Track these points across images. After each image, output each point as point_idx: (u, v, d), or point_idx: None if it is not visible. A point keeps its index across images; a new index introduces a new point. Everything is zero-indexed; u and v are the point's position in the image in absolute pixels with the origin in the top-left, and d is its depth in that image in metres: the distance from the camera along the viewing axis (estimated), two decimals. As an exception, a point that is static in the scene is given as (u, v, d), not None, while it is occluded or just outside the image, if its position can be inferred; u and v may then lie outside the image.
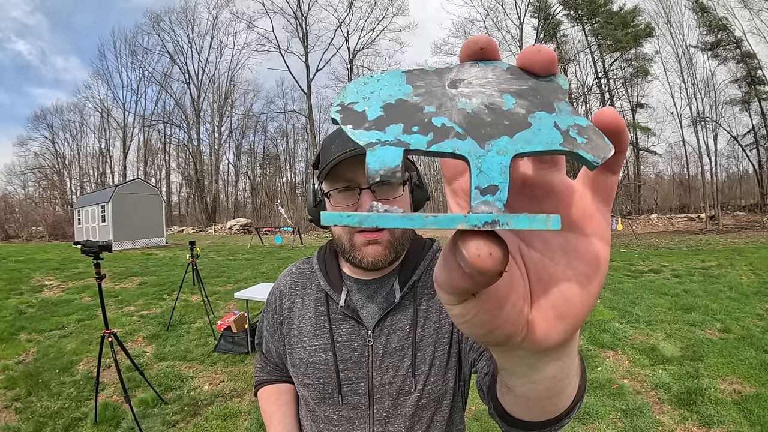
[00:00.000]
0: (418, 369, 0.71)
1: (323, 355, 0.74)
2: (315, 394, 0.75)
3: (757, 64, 22.02)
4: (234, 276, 8.23)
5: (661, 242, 12.75)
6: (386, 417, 0.71)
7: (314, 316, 0.78)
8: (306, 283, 0.82)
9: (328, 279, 0.78)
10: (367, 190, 0.67)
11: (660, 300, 5.23)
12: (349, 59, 32.74)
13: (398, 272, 0.76)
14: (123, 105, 37.82)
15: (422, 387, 0.71)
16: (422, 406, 0.72)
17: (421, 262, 0.77)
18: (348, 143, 0.65)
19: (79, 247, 2.55)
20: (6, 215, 25.28)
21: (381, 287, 0.76)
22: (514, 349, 0.24)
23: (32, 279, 8.26)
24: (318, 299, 0.79)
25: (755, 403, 2.60)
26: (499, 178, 0.18)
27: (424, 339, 0.72)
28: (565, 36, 28.67)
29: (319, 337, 0.76)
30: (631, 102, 27.46)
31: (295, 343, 0.78)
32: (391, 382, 0.71)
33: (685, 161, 27.55)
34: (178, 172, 41.09)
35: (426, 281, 0.77)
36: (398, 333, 0.73)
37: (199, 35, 37.10)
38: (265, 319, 0.88)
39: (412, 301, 0.74)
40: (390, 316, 0.74)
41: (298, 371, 0.77)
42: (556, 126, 0.19)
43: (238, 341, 3.94)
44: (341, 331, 0.75)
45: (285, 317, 0.81)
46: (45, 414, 2.77)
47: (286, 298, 0.82)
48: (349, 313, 0.74)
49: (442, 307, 0.73)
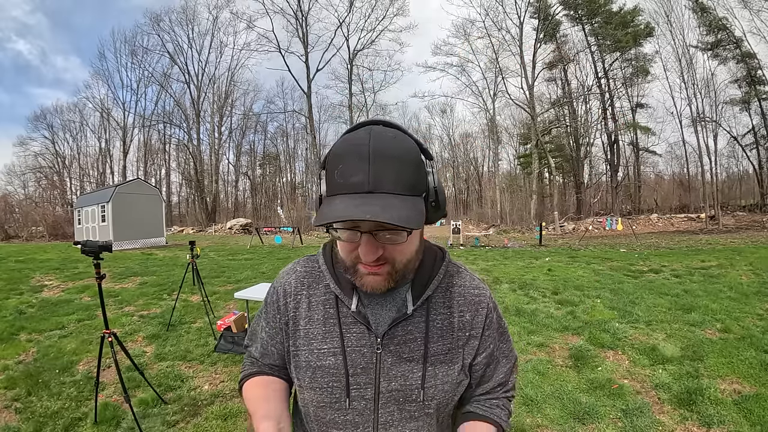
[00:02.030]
0: (427, 383, 0.72)
1: (333, 359, 0.73)
2: (322, 397, 0.73)
3: (757, 64, 22.03)
4: (234, 276, 8.23)
5: (661, 242, 12.75)
6: (390, 420, 0.72)
7: (323, 318, 0.75)
8: (312, 283, 0.79)
9: (338, 281, 0.76)
10: (368, 235, 0.63)
11: (660, 300, 5.23)
12: (349, 59, 32.74)
13: (411, 285, 0.75)
14: (123, 105, 37.84)
15: (430, 399, 0.72)
16: (427, 414, 0.73)
17: (435, 276, 0.76)
18: (351, 182, 0.59)
19: (79, 247, 2.54)
20: (6, 215, 25.27)
21: (393, 297, 0.75)
22: None
23: (32, 279, 8.26)
24: (327, 301, 0.76)
25: (755, 403, 2.60)
26: None
27: (437, 356, 0.73)
28: (564, 36, 28.69)
29: (328, 341, 0.74)
30: (631, 102, 27.47)
31: (301, 345, 0.76)
32: (399, 390, 0.72)
33: (685, 161, 27.60)
34: (178, 172, 41.14)
35: (441, 299, 0.76)
36: (409, 344, 0.72)
37: (199, 35, 37.23)
38: (263, 320, 0.84)
39: (424, 315, 0.74)
40: (401, 327, 0.73)
41: (304, 374, 0.75)
42: None
43: (238, 341, 3.94)
44: (351, 335, 0.73)
45: (291, 317, 0.78)
46: (45, 414, 2.77)
47: (291, 298, 0.79)
48: (360, 318, 0.73)
49: (457, 331, 0.75)
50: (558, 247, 12.68)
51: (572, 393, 2.91)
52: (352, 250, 0.66)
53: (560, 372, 3.28)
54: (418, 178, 0.63)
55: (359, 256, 0.65)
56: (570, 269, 8.08)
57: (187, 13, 35.77)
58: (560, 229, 20.72)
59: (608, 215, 22.09)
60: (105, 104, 37.77)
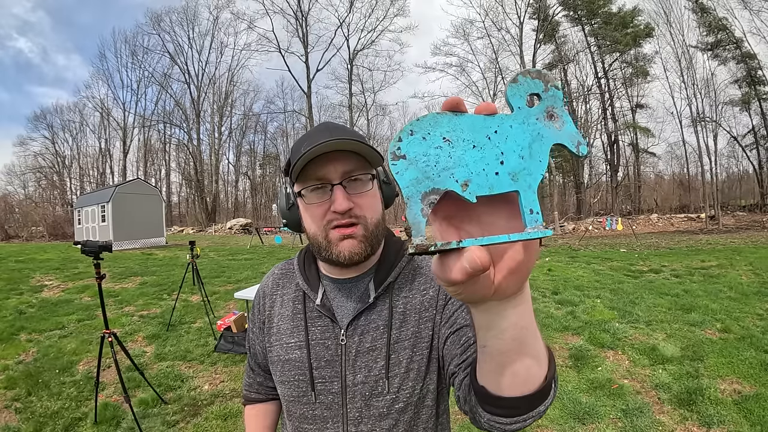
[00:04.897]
0: (391, 371, 0.70)
1: (298, 353, 0.75)
2: (290, 391, 0.75)
3: (757, 65, 22.02)
4: (234, 276, 8.23)
5: (661, 242, 12.75)
6: (359, 417, 0.71)
7: (291, 314, 0.78)
8: (286, 282, 0.84)
9: (306, 278, 0.79)
10: (339, 186, 0.67)
11: (660, 300, 5.23)
12: (350, 59, 32.77)
13: (374, 272, 0.76)
14: (123, 105, 37.86)
15: (397, 390, 0.70)
16: (399, 410, 0.71)
17: (398, 263, 0.77)
18: (316, 141, 0.64)
19: (79, 247, 2.55)
20: (6, 215, 25.28)
21: (356, 286, 0.76)
22: (487, 301, 0.35)
23: (32, 279, 8.26)
24: (296, 298, 0.80)
25: (755, 403, 2.60)
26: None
27: (400, 341, 0.72)
28: (564, 36, 28.68)
29: (295, 335, 0.76)
30: (631, 102, 27.46)
31: (274, 341, 0.79)
32: (364, 382, 0.71)
33: (685, 161, 27.58)
34: (178, 172, 41.13)
35: (403, 283, 0.76)
36: (372, 333, 0.72)
37: (199, 35, 37.14)
38: (251, 322, 0.89)
39: (387, 302, 0.74)
40: (364, 316, 0.73)
41: (276, 368, 0.78)
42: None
43: (238, 341, 3.94)
44: (316, 329, 0.75)
45: (267, 316, 0.83)
46: (45, 414, 2.77)
47: (268, 298, 0.84)
48: (324, 311, 0.74)
49: (422, 311, 0.73)
50: (558, 247, 12.68)
51: (572, 393, 2.91)
52: (323, 214, 0.68)
53: (560, 372, 3.28)
54: (371, 151, 0.68)
55: (331, 217, 0.68)
56: (570, 269, 8.08)
57: (187, 13, 35.85)
58: (560, 229, 20.72)
59: (608, 215, 22.09)
60: (105, 104, 37.85)
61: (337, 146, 0.64)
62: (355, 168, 0.68)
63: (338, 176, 0.67)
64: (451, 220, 0.34)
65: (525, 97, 0.31)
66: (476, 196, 0.30)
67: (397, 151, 0.29)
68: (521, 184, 0.31)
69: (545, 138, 0.31)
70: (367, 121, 36.19)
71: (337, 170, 0.67)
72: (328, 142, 0.63)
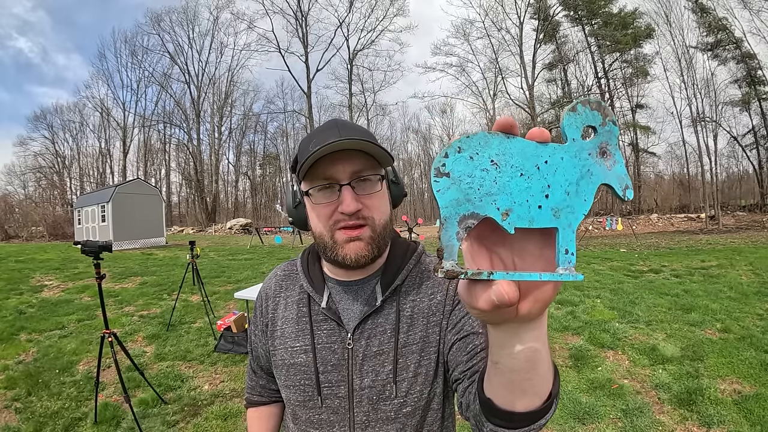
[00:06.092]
0: (399, 375, 0.69)
1: (304, 357, 0.73)
2: (296, 396, 0.74)
3: (757, 65, 22.02)
4: (234, 276, 8.23)
5: (661, 242, 12.75)
6: (366, 421, 0.70)
7: (296, 317, 0.77)
8: (290, 284, 0.82)
9: (310, 280, 0.77)
10: (347, 186, 0.65)
11: (660, 300, 5.23)
12: (349, 59, 32.79)
13: (381, 274, 0.75)
14: (123, 105, 37.87)
15: (405, 394, 0.69)
16: (407, 414, 0.70)
17: (405, 266, 0.75)
18: (325, 140, 0.63)
19: (79, 247, 2.55)
20: (6, 215, 25.28)
21: (362, 289, 0.75)
22: (507, 322, 0.35)
23: (32, 279, 8.26)
24: (300, 300, 0.78)
25: (755, 403, 2.60)
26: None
27: (408, 345, 0.70)
28: (564, 36, 28.68)
29: (300, 339, 0.74)
30: (631, 102, 27.46)
31: (278, 344, 0.77)
32: (371, 387, 0.70)
33: (685, 161, 27.57)
34: (178, 172, 41.15)
35: (410, 286, 0.74)
36: (379, 337, 0.71)
37: (199, 35, 37.17)
38: (253, 324, 0.87)
39: (394, 305, 0.72)
40: (371, 319, 0.72)
41: (280, 373, 0.77)
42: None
43: (238, 341, 3.94)
44: (322, 332, 0.73)
45: (270, 319, 0.81)
46: (45, 414, 2.77)
47: (271, 301, 0.82)
48: (330, 314, 0.73)
49: (429, 315, 0.72)
50: (558, 247, 12.67)
51: (572, 393, 2.91)
52: (330, 214, 0.67)
53: (560, 372, 3.28)
54: (380, 151, 0.66)
55: (338, 217, 0.66)
56: (570, 269, 8.07)
57: (187, 13, 35.88)
58: (560, 229, 20.66)
59: (608, 215, 22.09)
60: (105, 104, 37.85)
61: (347, 146, 0.63)
62: (364, 168, 0.66)
63: (347, 176, 0.65)
64: (483, 241, 0.33)
65: (581, 129, 0.30)
66: (515, 228, 0.29)
67: (441, 167, 0.28)
68: (562, 221, 0.29)
69: (594, 176, 0.30)
70: (367, 121, 36.20)
71: (345, 170, 0.65)
72: (338, 142, 0.61)
